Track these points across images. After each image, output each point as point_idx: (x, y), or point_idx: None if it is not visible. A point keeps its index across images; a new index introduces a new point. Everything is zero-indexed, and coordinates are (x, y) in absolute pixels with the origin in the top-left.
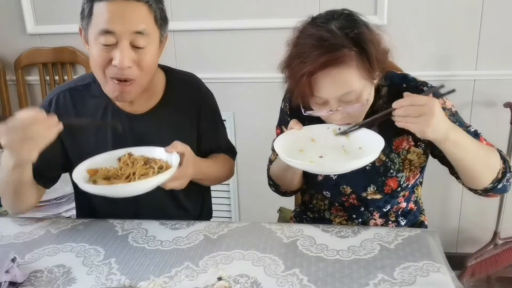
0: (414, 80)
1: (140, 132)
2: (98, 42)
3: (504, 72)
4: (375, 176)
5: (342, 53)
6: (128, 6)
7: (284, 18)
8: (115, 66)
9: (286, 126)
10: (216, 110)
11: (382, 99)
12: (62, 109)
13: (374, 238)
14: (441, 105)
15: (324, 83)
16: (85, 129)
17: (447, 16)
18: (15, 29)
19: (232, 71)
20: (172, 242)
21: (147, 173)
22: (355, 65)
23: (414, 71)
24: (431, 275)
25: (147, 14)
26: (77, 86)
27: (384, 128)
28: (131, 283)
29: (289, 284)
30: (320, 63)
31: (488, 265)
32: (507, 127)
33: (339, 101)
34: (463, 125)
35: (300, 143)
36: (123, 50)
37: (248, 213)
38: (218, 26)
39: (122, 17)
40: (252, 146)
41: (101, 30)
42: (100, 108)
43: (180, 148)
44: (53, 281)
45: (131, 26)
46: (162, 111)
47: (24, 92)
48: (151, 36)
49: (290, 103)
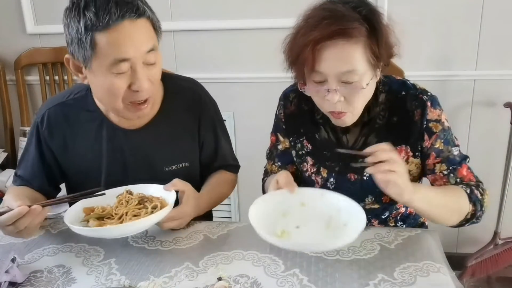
0: (414, 88)
1: (137, 147)
2: (111, 72)
3: (504, 72)
4: (372, 187)
5: (353, 26)
6: (135, 26)
7: (284, 18)
8: (136, 91)
9: (281, 133)
10: (218, 119)
11: (380, 106)
12: (54, 126)
13: (374, 238)
14: (436, 116)
15: (328, 55)
16: (78, 144)
17: (447, 16)
18: (15, 29)
19: (232, 71)
20: (172, 242)
21: (140, 214)
22: (363, 43)
23: (414, 71)
24: (431, 275)
25: (150, 29)
26: (68, 100)
27: (382, 137)
28: (131, 283)
29: (289, 284)
30: (329, 31)
31: (488, 265)
32: (507, 127)
33: (339, 80)
34: (451, 144)
35: (287, 205)
36: (141, 73)
37: (248, 213)
38: (218, 26)
39: (134, 41)
40: (252, 146)
41: (115, 60)
42: (94, 123)
43: (180, 186)
44: (53, 281)
45: (143, 47)
46: (160, 123)
47: (24, 92)
48: (157, 49)
49: (285, 109)
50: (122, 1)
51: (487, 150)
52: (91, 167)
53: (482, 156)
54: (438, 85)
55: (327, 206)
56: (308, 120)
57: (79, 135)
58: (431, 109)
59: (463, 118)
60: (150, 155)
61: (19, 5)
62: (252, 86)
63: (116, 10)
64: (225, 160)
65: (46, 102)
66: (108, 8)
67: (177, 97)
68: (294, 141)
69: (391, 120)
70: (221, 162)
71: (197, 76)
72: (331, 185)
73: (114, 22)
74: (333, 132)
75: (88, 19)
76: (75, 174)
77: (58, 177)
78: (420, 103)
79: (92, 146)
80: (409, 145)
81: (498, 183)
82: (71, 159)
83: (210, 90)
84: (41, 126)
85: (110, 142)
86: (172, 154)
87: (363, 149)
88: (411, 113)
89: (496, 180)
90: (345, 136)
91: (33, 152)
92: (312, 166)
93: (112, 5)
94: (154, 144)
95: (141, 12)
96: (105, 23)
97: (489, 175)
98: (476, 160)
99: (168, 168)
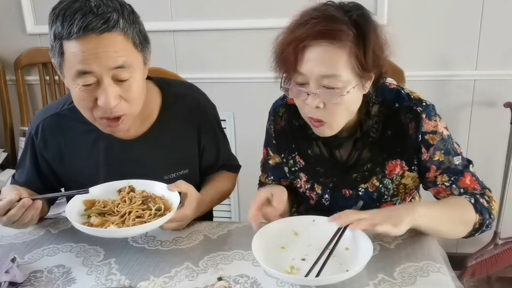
0: (408, 98)
1: (135, 158)
2: (77, 83)
3: (504, 72)
4: (368, 202)
5: (339, 28)
6: (102, 41)
7: (284, 18)
8: (101, 106)
9: (271, 148)
10: (217, 122)
11: (373, 119)
12: (49, 138)
13: (374, 238)
14: (432, 127)
15: (311, 56)
16: (74, 155)
17: (447, 16)
18: (15, 29)
19: (232, 71)
20: (172, 242)
21: (143, 215)
22: (348, 48)
23: (414, 71)
24: (431, 275)
25: (124, 44)
26: (62, 111)
27: (376, 151)
28: (131, 283)
29: (289, 284)
30: (314, 31)
31: (488, 265)
32: (507, 127)
33: (320, 84)
34: (452, 154)
35: (281, 237)
36: (106, 88)
37: (248, 213)
38: (218, 26)
39: (98, 55)
40: (252, 146)
41: (77, 72)
42: (90, 135)
43: (183, 188)
44: (53, 281)
45: (109, 63)
46: (158, 133)
47: (24, 92)
48: (133, 65)
49: (275, 125)
50: (91, 13)
51: (487, 150)
52: (88, 177)
53: (482, 156)
54: (438, 85)
55: (321, 232)
56: (300, 135)
57: (75, 146)
58: (426, 120)
59: (463, 118)
60: (148, 164)
61: (19, 5)
62: (252, 86)
63: (79, 22)
64: (226, 161)
65: (39, 113)
66: (73, 19)
67: (175, 105)
68: (286, 157)
69: (385, 133)
70: (222, 164)
71: (197, 76)
72: (326, 202)
73: (76, 33)
74: (326, 148)
75: (56, 27)
76: (72, 183)
77: (55, 184)
78: (414, 115)
79: (89, 157)
80: (404, 159)
81: (498, 183)
82: (68, 169)
83: (210, 90)
84: (36, 137)
85: (107, 153)
86: (171, 162)
87: (357, 163)
88: (405, 126)
89: (496, 180)
90: (338, 151)
91: (28, 162)
92: (306, 182)
93: (77, 17)
94: (152, 154)
95: (110, 26)
96: (67, 33)
97: (489, 175)
98: (476, 160)
99: (168, 176)
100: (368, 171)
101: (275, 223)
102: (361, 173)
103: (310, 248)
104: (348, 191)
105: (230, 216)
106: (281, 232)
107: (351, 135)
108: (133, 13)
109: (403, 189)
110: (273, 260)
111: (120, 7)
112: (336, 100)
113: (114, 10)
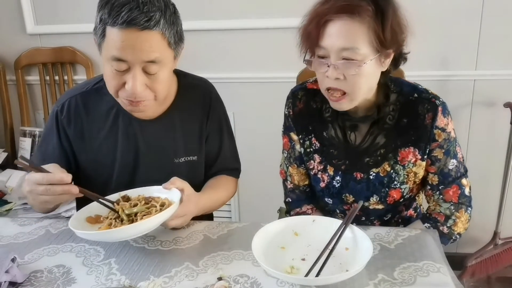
0: (426, 92)
1: (151, 137)
2: (110, 64)
3: (504, 72)
4: (378, 187)
5: (360, 3)
6: (140, 36)
7: (284, 18)
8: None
9: (293, 132)
10: (225, 119)
11: (390, 106)
12: (73, 115)
13: (374, 238)
14: (444, 124)
15: (332, 30)
16: (94, 133)
17: (447, 16)
18: (15, 29)
19: (232, 71)
20: (172, 242)
21: (150, 212)
22: (367, 23)
23: (414, 71)
24: (431, 275)
25: (160, 42)
26: (90, 90)
27: (390, 138)
28: (131, 283)
29: (289, 284)
30: (336, 6)
31: (488, 265)
32: (507, 127)
33: (339, 57)
34: (451, 155)
35: (281, 237)
36: (136, 76)
37: (248, 213)
38: (218, 26)
39: (134, 47)
40: (252, 146)
41: (113, 57)
42: (111, 113)
43: (178, 184)
44: (53, 281)
45: (142, 56)
46: (173, 116)
47: (24, 92)
48: (164, 61)
49: (293, 107)
50: (137, 9)
51: (487, 150)
52: (106, 153)
53: (482, 156)
54: (438, 85)
55: (321, 232)
56: (317, 118)
57: (96, 123)
58: (441, 115)
59: (463, 118)
60: (162, 145)
61: (19, 5)
62: (252, 86)
63: (125, 15)
64: (226, 163)
65: (66, 92)
66: (120, 11)
67: (189, 93)
68: (303, 138)
69: (401, 121)
70: (222, 165)
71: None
72: (337, 183)
73: (120, 25)
74: (341, 130)
75: (103, 13)
76: (90, 162)
77: (72, 165)
78: (432, 107)
79: (109, 136)
80: (417, 147)
81: (498, 183)
82: (87, 148)
83: None
84: (61, 114)
85: (125, 130)
86: (182, 146)
87: (370, 148)
88: (422, 116)
89: (496, 180)
90: (353, 134)
91: (54, 137)
92: (319, 163)
93: (124, 10)
94: (166, 135)
95: (151, 25)
96: (112, 21)
97: (489, 175)
98: (476, 160)
99: (178, 160)
100: (381, 156)
101: (275, 223)
102: (374, 157)
103: (310, 248)
104: (360, 174)
105: (230, 216)
106: (281, 232)
107: (367, 116)
108: (174, 13)
109: (413, 178)
110: (273, 260)
111: (164, 7)
112: (354, 71)
113: (158, 10)
